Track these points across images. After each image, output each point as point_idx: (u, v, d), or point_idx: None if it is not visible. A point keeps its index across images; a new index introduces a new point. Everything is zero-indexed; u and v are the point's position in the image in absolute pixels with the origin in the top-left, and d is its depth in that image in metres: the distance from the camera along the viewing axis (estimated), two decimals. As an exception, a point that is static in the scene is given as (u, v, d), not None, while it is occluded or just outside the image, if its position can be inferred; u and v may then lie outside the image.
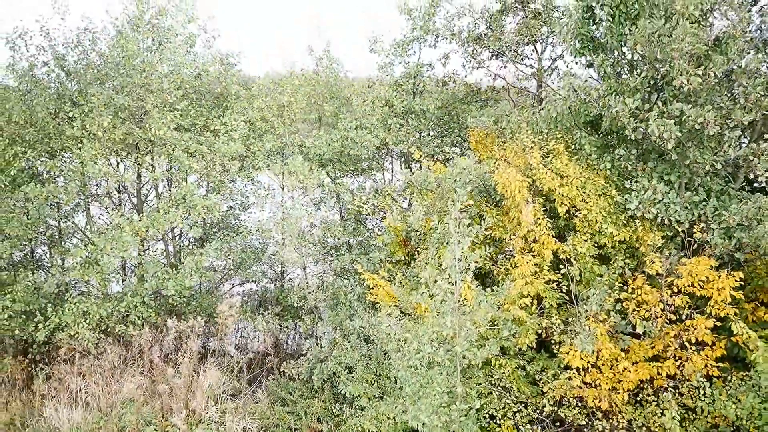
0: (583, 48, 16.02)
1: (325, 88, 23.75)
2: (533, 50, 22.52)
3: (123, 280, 20.99)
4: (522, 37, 21.14)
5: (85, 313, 18.15)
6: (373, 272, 19.65)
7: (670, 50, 13.32)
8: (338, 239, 21.05)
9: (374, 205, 20.93)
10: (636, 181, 14.89)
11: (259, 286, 23.91)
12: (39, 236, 20.55)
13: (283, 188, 22.75)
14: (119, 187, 21.19)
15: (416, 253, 18.77)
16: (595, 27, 15.90)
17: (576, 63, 16.83)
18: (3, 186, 19.30)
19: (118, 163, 21.41)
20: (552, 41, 21.81)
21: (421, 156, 21.45)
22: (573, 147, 15.86)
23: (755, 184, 15.40)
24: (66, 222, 21.44)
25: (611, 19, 15.19)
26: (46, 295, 18.92)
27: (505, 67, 22.93)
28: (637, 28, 14.25)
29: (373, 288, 17.85)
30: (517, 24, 21.61)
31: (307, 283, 20.19)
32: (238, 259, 21.36)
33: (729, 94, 13.84)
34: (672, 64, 13.46)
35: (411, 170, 23.71)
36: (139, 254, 19.37)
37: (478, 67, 22.59)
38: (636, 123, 14.19)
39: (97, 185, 20.67)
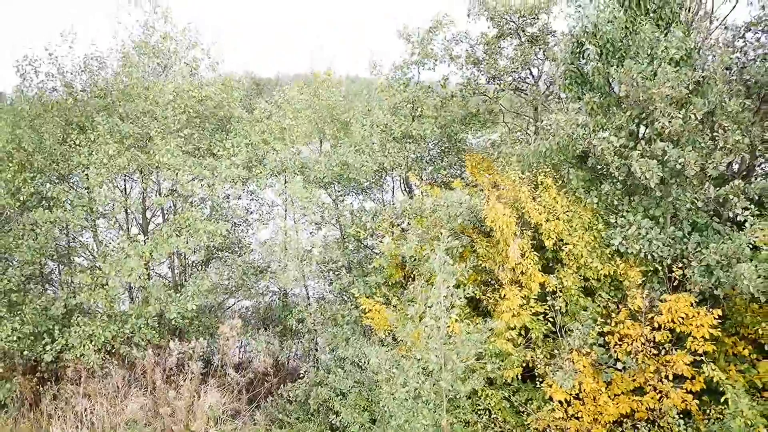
0: (571, 83, 16.46)
1: (326, 111, 24.25)
2: (529, 74, 22.90)
3: (131, 299, 21.61)
4: (518, 64, 21.52)
5: (90, 336, 18.81)
6: (370, 295, 20.20)
7: (651, 93, 13.74)
8: (337, 261, 21.55)
9: (372, 228, 21.42)
10: (621, 216, 15.30)
11: (261, 303, 24.48)
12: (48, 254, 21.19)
13: (285, 209, 23.28)
14: (125, 210, 21.81)
15: (412, 277, 19.27)
16: (584, 62, 16.32)
17: (567, 97, 17.26)
18: (13, 210, 20.05)
19: (125, 185, 22.01)
20: (546, 69, 22.19)
21: (417, 181, 21.95)
22: (561, 181, 16.28)
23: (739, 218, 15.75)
24: (74, 242, 22.09)
25: (599, 57, 15.62)
26: (54, 316, 19.58)
27: (502, 90, 23.31)
28: (622, 68, 14.69)
29: (368, 312, 18.41)
30: (514, 49, 21.99)
31: (308, 303, 20.70)
32: (239, 280, 21.95)
33: (711, 134, 14.20)
34: (654, 106, 13.88)
35: (411, 192, 24.29)
36: (143, 277, 19.94)
37: (474, 94, 22.99)
38: (620, 161, 14.62)
39: (104, 210, 21.30)
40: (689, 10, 17.52)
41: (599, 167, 15.96)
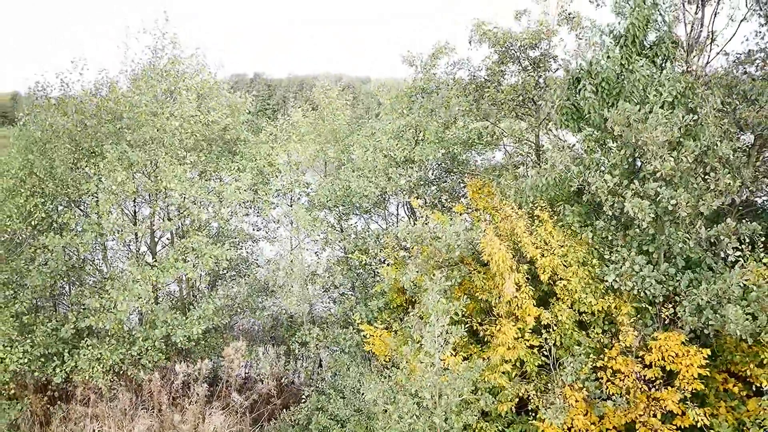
0: (568, 118, 16.76)
1: (330, 134, 24.68)
2: (530, 99, 23.18)
3: (139, 320, 22.11)
4: (518, 93, 21.82)
5: (99, 359, 19.34)
6: (371, 319, 20.62)
7: (644, 136, 14.03)
8: (340, 286, 21.96)
9: (375, 253, 21.83)
10: (616, 251, 15.60)
11: (267, 321, 24.89)
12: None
13: (290, 231, 23.71)
14: (135, 236, 22.31)
15: (412, 302, 19.67)
16: (580, 97, 16.57)
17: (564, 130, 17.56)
18: (25, 235, 20.63)
19: (134, 208, 22.50)
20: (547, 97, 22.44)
21: (419, 206, 22.31)
22: (557, 215, 16.60)
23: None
24: (83, 263, 22.60)
25: (594, 94, 15.90)
26: (64, 338, 20.11)
27: (504, 115, 23.61)
28: (616, 109, 14.98)
29: (369, 338, 18.83)
30: (514, 76, 22.30)
31: (310, 327, 21.11)
32: (244, 302, 22.41)
33: (703, 175, 14.47)
34: (647, 148, 14.17)
35: (414, 213, 24.65)
36: (150, 302, 20.41)
37: (477, 120, 23.30)
38: (614, 200, 14.93)
39: (113, 238, 21.81)
40: (686, 46, 17.84)
41: (594, 202, 16.26)
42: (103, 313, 19.54)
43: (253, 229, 26.27)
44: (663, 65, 16.56)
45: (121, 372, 20.12)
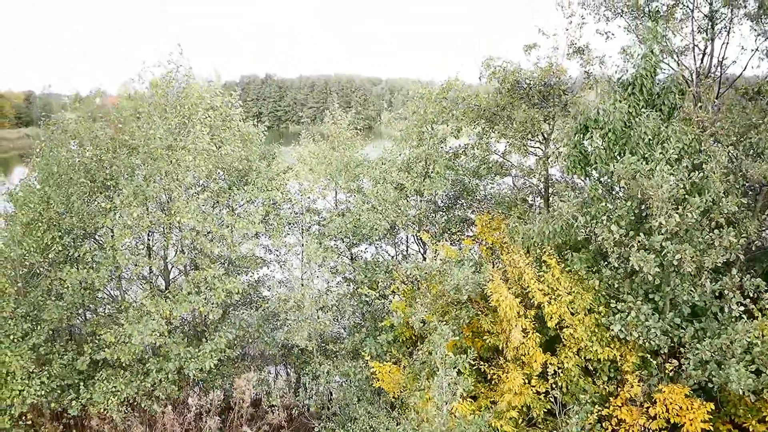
0: (575, 165, 16.99)
1: (341, 164, 24.99)
2: (539, 132, 23.40)
3: (152, 352, 22.49)
4: (527, 127, 22.04)
5: (114, 392, 19.77)
6: (380, 353, 20.94)
7: (649, 192, 14.25)
8: (350, 319, 22.26)
9: (384, 286, 22.15)
10: (621, 299, 15.82)
11: (278, 350, 25.17)
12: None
13: (302, 264, 24.02)
14: (149, 269, 22.71)
15: (422, 337, 19.96)
16: (588, 143, 16.81)
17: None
18: (42, 268, 21.08)
19: (147, 240, 22.88)
20: (555, 135, 22.67)
21: (429, 239, 22.63)
22: (564, 261, 16.83)
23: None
24: (99, 294, 23.00)
25: (601, 144, 16.13)
26: (80, 369, 20.54)
27: (511, 144, 23.84)
28: (622, 162, 15.20)
29: (378, 374, 19.16)
30: (523, 111, 22.51)
31: (322, 359, 21.43)
32: (255, 332, 22.76)
33: (708, 229, 14.67)
34: (651, 203, 14.38)
35: (424, 245, 24.94)
36: (163, 334, 20.74)
37: (487, 154, 23.58)
38: (620, 251, 15.15)
39: (127, 273, 22.21)
40: (695, 77, 18.04)
41: (601, 251, 16.47)
42: (117, 345, 19.96)
43: (264, 252, 26.61)
44: (670, 113, 16.76)
45: (135, 404, 20.54)
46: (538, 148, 23.29)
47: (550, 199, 21.95)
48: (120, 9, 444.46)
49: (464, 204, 26.10)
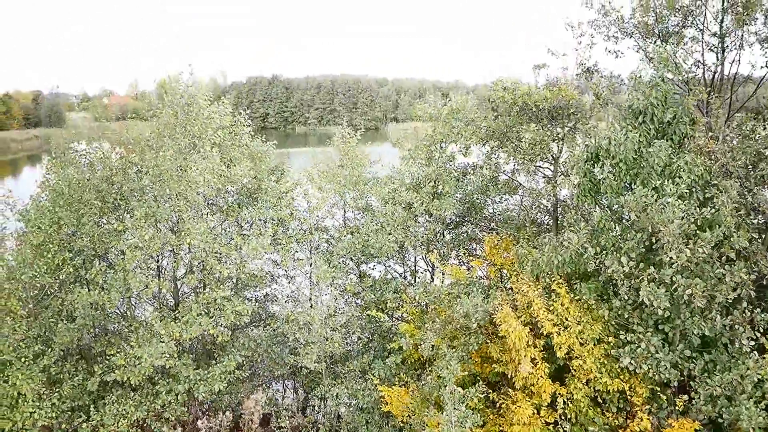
0: (586, 194, 16.97)
1: (351, 182, 25.04)
2: (549, 154, 23.37)
3: (161, 373, 22.60)
4: (536, 150, 22.03)
5: (124, 414, 19.89)
6: (389, 376, 20.98)
7: (660, 227, 14.22)
8: (358, 342, 22.30)
9: (393, 307, 22.20)
10: (631, 330, 15.81)
11: (288, 370, 25.17)
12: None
13: (310, 286, 24.08)
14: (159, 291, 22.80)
15: (430, 361, 19.99)
16: (599, 171, 16.76)
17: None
18: (53, 289, 21.21)
19: (157, 260, 22.97)
20: (564, 158, 22.64)
21: (437, 260, 22.65)
22: (573, 290, 16.82)
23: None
24: (109, 314, 23.12)
25: (612, 174, 16.10)
26: (90, 392, 20.66)
27: (521, 164, 23.82)
28: (632, 193, 15.18)
29: (387, 397, 19.21)
30: (531, 133, 22.50)
31: (331, 382, 21.47)
32: (264, 353, 22.82)
33: (719, 263, 14.63)
34: (661, 236, 14.36)
35: (433, 266, 24.95)
36: (173, 357, 20.82)
37: (496, 174, 23.58)
38: (630, 284, 15.14)
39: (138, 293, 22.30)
40: (707, 96, 17.98)
41: (610, 281, 16.46)
42: (127, 367, 20.08)
43: (273, 266, 26.66)
44: (681, 142, 16.73)
45: (145, 425, 20.65)
46: (547, 168, 23.26)
47: (560, 228, 21.93)
48: (119, 9, 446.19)
49: (472, 221, 26.12)
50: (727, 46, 21.89)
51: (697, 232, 14.38)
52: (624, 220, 16.59)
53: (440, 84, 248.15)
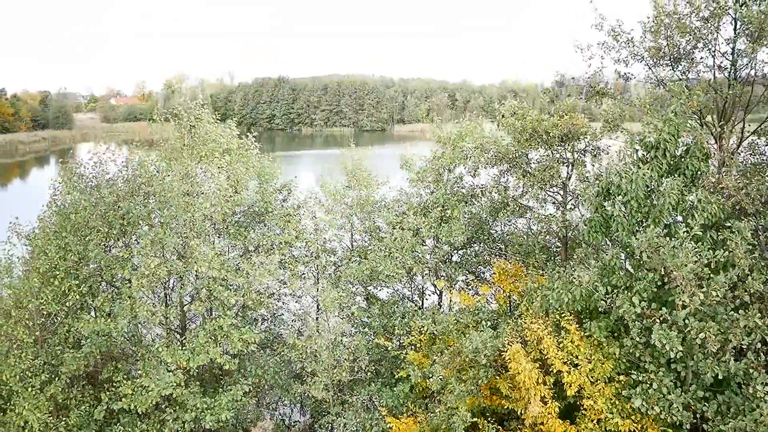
0: (596, 230, 16.76)
1: (358, 206, 24.91)
2: (559, 177, 23.16)
3: (168, 401, 22.53)
4: (545, 176, 21.83)
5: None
6: (397, 405, 20.84)
7: (674, 270, 14.00)
8: (365, 370, 22.13)
9: (400, 334, 22.05)
10: (643, 369, 15.58)
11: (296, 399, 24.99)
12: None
13: (317, 313, 23.96)
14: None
15: (438, 392, 19.83)
16: (610, 206, 16.49)
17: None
18: (59, 317, 21.15)
19: (164, 289, 22.87)
20: (573, 182, 22.44)
21: (444, 287, 22.49)
22: (583, 327, 16.61)
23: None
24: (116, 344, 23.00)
25: (622, 212, 15.87)
26: (96, 420, 20.60)
27: (530, 189, 23.62)
28: (644, 233, 14.95)
29: (394, 429, 19.07)
30: (539, 160, 22.34)
31: (339, 411, 21.35)
32: (272, 380, 22.72)
33: (733, 306, 14.40)
34: (675, 282, 14.14)
35: (440, 294, 24.78)
36: (180, 385, 20.71)
37: (505, 198, 23.39)
38: (641, 325, 14.92)
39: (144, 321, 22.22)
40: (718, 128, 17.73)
41: (621, 320, 16.24)
42: (134, 396, 20.00)
43: (280, 285, 26.55)
44: (693, 177, 16.50)
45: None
46: (558, 193, 23.05)
47: (569, 253, 21.72)
48: (119, 10, 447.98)
49: (480, 243, 25.92)
50: (740, 67, 21.60)
51: (711, 275, 14.15)
52: (635, 258, 16.35)
53: (447, 84, 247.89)
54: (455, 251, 25.32)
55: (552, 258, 23.04)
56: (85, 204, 21.61)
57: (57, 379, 20.23)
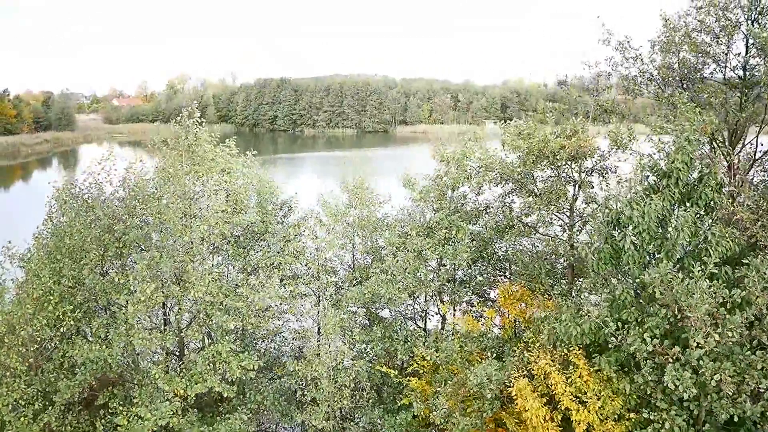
0: (606, 262, 16.19)
1: (359, 226, 24.38)
2: (566, 200, 22.61)
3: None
4: (551, 197, 21.29)
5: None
6: (399, 432, 20.34)
7: (688, 312, 13.44)
8: (367, 399, 21.58)
9: (403, 359, 21.53)
10: (655, 406, 15.03)
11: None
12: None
13: (318, 333, 23.40)
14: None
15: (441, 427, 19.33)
16: (619, 240, 15.93)
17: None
18: (53, 343, 20.64)
19: (162, 313, 22.36)
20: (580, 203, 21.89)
21: (447, 311, 21.96)
22: (592, 364, 16.05)
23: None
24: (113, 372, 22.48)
25: (634, 245, 15.29)
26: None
27: (536, 210, 23.08)
28: (657, 269, 14.40)
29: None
30: (544, 182, 21.80)
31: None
32: (272, 405, 22.17)
33: (749, 347, 13.84)
34: (689, 322, 13.58)
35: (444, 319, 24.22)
36: (177, 414, 20.20)
37: (511, 217, 22.87)
38: (654, 364, 14.37)
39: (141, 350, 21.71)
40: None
41: (632, 356, 15.69)
42: (130, 425, 19.49)
43: (279, 303, 25.99)
44: (707, 207, 15.93)
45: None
46: (564, 214, 22.50)
47: (576, 275, 21.18)
48: (117, 11, 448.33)
49: (484, 263, 25.36)
50: (751, 84, 21.04)
51: (727, 315, 13.59)
52: (647, 291, 15.78)
53: (450, 84, 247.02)
54: (459, 269, 24.76)
55: (558, 281, 22.49)
56: (79, 227, 21.08)
57: (51, 407, 19.71)
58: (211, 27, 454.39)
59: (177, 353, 22.81)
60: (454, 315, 22.55)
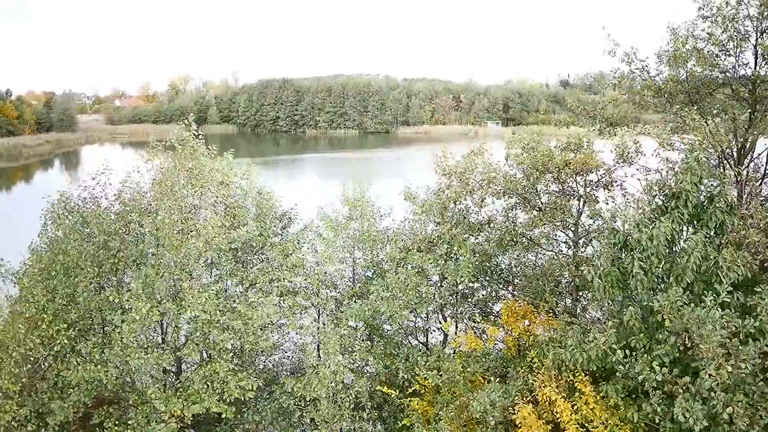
0: (613, 286, 15.72)
1: (359, 240, 23.96)
2: (570, 215, 22.14)
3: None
4: (555, 214, 20.82)
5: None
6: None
7: (700, 344, 12.97)
8: (366, 419, 21.16)
9: (404, 377, 21.10)
10: (664, 433, 14.57)
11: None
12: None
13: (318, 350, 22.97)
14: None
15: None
16: (627, 264, 15.44)
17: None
18: (46, 363, 20.23)
19: (161, 332, 21.95)
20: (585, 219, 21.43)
21: (449, 329, 21.53)
22: (599, 391, 15.59)
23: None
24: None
25: (642, 270, 14.82)
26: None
27: (540, 226, 22.62)
28: (666, 295, 13.94)
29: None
30: (549, 196, 21.34)
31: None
32: (269, 426, 21.77)
33: (763, 377, 13.36)
34: (700, 353, 13.10)
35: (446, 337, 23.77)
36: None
37: (515, 233, 22.40)
38: (661, 394, 13.90)
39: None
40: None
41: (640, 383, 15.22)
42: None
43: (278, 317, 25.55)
44: (717, 229, 15.45)
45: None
46: (570, 230, 22.02)
47: (580, 290, 20.69)
48: (117, 11, 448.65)
49: (487, 277, 24.89)
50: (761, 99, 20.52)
51: (740, 346, 13.11)
52: (655, 318, 15.29)
53: (452, 84, 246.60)
54: (462, 284, 24.29)
55: (562, 297, 22.03)
56: (74, 243, 20.66)
57: (45, 429, 19.30)
58: (214, 27, 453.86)
59: (174, 371, 22.42)
60: (456, 332, 22.07)
